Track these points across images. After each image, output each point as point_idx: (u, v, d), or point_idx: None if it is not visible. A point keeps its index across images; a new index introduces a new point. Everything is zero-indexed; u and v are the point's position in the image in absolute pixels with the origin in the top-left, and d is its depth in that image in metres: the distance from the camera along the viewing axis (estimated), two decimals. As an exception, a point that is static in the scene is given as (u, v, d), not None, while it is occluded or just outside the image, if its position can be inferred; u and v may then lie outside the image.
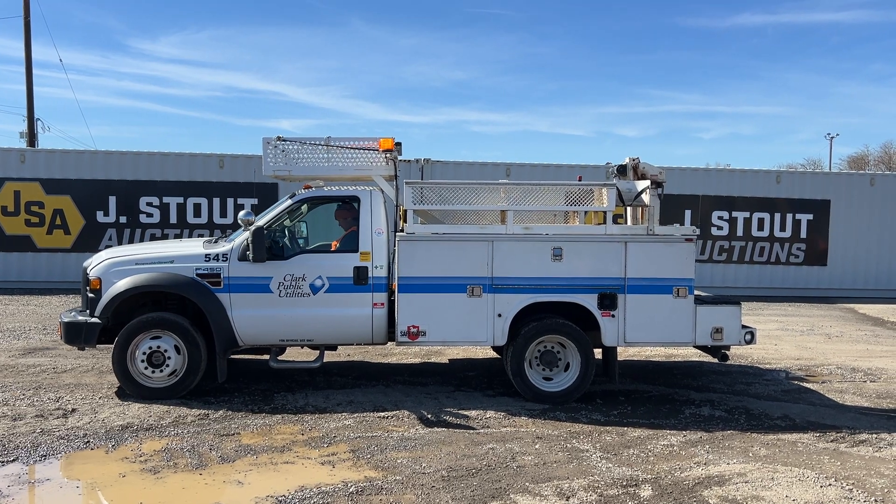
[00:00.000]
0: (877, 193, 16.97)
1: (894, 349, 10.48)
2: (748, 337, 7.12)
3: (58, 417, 6.27)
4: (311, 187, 7.39)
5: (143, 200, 15.51)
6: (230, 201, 15.62)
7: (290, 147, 7.40)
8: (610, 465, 5.39)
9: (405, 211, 7.03)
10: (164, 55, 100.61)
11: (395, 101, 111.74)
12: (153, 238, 15.46)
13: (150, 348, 6.76)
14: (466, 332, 6.96)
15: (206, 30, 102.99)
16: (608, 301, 6.93)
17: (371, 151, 7.38)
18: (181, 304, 7.07)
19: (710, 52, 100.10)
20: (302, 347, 7.52)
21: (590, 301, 6.95)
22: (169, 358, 6.78)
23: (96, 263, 7.07)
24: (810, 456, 5.67)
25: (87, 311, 7.01)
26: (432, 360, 9.01)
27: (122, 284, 6.80)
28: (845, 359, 9.55)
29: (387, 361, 8.85)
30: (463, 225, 7.29)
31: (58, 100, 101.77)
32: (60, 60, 62.29)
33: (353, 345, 7.45)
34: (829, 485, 5.05)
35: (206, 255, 6.92)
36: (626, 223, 7.93)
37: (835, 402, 7.33)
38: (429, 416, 6.51)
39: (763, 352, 9.80)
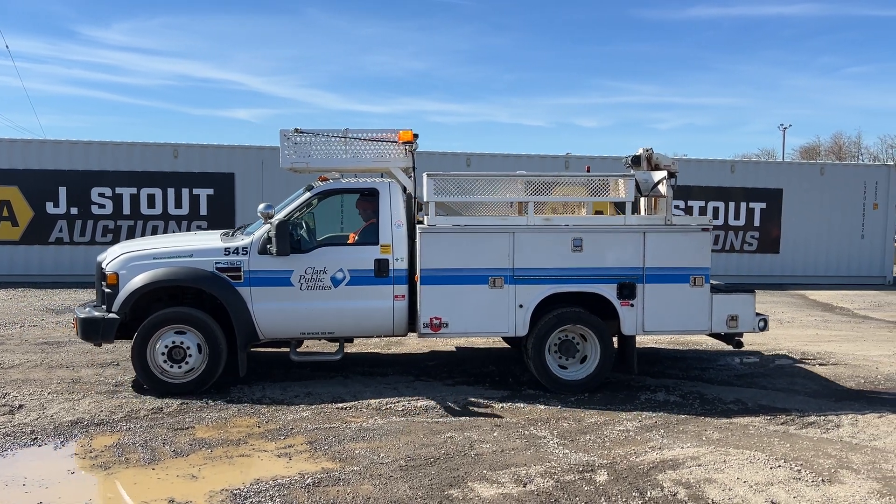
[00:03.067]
0: (826, 183, 17.42)
1: (842, 333, 10.78)
2: (762, 324, 7.28)
3: (3, 414, 6.09)
4: (328, 179, 7.36)
5: (94, 191, 15.12)
6: (185, 192, 15.32)
7: (308, 139, 7.37)
8: (567, 451, 5.43)
9: (426, 203, 7.01)
10: (115, 42, 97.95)
11: (353, 90, 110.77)
12: (105, 230, 15.11)
13: (171, 344, 6.66)
14: (488, 323, 6.99)
15: (157, 17, 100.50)
16: (627, 291, 6.99)
17: (389, 143, 7.36)
18: (198, 299, 6.94)
19: (665, 43, 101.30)
20: (319, 340, 7.49)
21: (609, 291, 6.99)
22: (190, 353, 6.69)
23: (112, 258, 6.91)
24: (761, 438, 5.79)
25: (103, 306, 6.86)
26: (392, 350, 8.98)
27: (142, 279, 6.66)
28: (796, 343, 9.78)
29: (347, 351, 8.78)
30: (483, 216, 7.32)
31: (4, 88, 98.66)
32: (7, 47, 60.23)
33: (372, 337, 7.49)
34: (779, 466, 5.17)
35: (226, 248, 6.84)
36: (635, 213, 7.95)
37: (786, 386, 7.51)
38: (388, 406, 6.49)
39: (717, 338, 9.98)
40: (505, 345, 9.21)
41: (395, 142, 7.31)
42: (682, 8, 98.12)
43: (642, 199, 7.90)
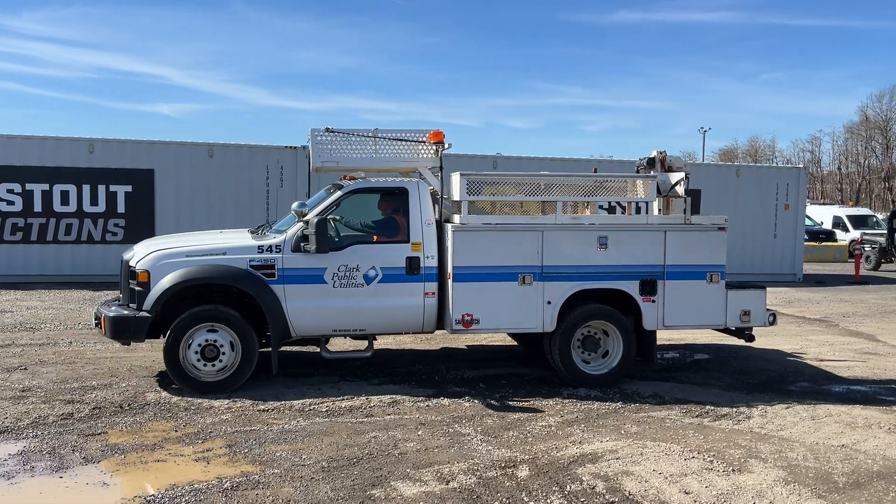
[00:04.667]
0: (742, 184, 18.14)
1: (756, 329, 11.21)
2: (771, 318, 7.62)
3: None
4: (355, 178, 7.38)
5: (2, 187, 14.33)
6: (101, 188, 14.68)
7: (337, 139, 7.42)
8: (490, 447, 5.48)
9: (457, 202, 7.13)
10: (29, 32, 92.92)
11: (283, 86, 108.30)
12: (15, 227, 14.35)
13: (204, 342, 6.63)
14: (518, 320, 7.15)
15: (73, 6, 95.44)
16: (649, 287, 7.21)
17: (418, 143, 7.49)
18: (226, 297, 6.91)
19: (593, 47, 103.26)
20: (344, 338, 7.55)
21: (632, 287, 7.20)
22: (223, 351, 6.67)
23: (142, 256, 6.80)
24: (676, 431, 5.98)
25: (131, 304, 6.79)
26: (317, 349, 8.84)
27: (176, 277, 6.59)
28: (712, 338, 10.11)
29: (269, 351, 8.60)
30: (507, 215, 7.49)
31: None
32: None
33: (402, 334, 7.60)
34: (693, 457, 5.35)
35: (259, 246, 6.86)
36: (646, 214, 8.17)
37: (702, 380, 7.78)
38: (311, 407, 6.40)
39: (638, 334, 10.26)
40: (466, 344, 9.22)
41: (425, 142, 7.47)
42: (607, 12, 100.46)
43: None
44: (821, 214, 30.21)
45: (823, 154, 72.20)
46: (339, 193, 7.17)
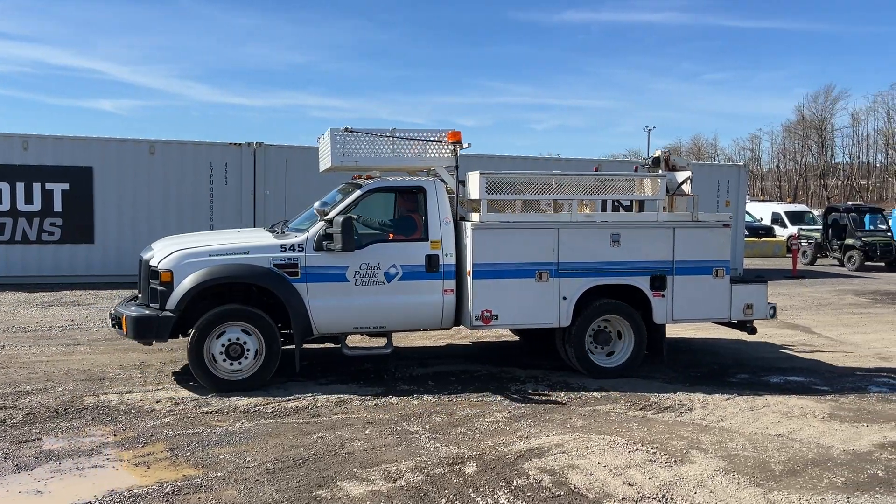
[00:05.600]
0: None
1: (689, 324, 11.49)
2: (772, 311, 7.98)
3: None
4: (371, 177, 7.40)
5: (-70, 185, 13.74)
6: (36, 186, 14.14)
7: (357, 138, 7.50)
8: (438, 444, 5.48)
9: (475, 200, 7.24)
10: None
11: (228, 82, 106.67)
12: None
13: (228, 341, 6.66)
14: (535, 315, 7.30)
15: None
16: (659, 282, 7.46)
17: (435, 143, 7.56)
18: (246, 295, 6.92)
19: (541, 46, 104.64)
20: (362, 335, 7.58)
21: (643, 283, 7.43)
22: (248, 349, 6.71)
23: (164, 255, 6.80)
24: (621, 424, 6.07)
25: (152, 304, 6.78)
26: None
27: (200, 276, 6.62)
28: (656, 333, 10.33)
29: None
30: (521, 213, 7.58)
31: None
32: None
33: (420, 330, 7.74)
34: (637, 450, 5.44)
35: (282, 245, 6.91)
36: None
37: (646, 374, 7.89)
38: (257, 408, 6.29)
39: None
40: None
41: (442, 141, 7.57)
42: (554, 12, 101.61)
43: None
44: (760, 211, 31.11)
45: (763, 152, 74.58)
46: (358, 192, 7.22)
